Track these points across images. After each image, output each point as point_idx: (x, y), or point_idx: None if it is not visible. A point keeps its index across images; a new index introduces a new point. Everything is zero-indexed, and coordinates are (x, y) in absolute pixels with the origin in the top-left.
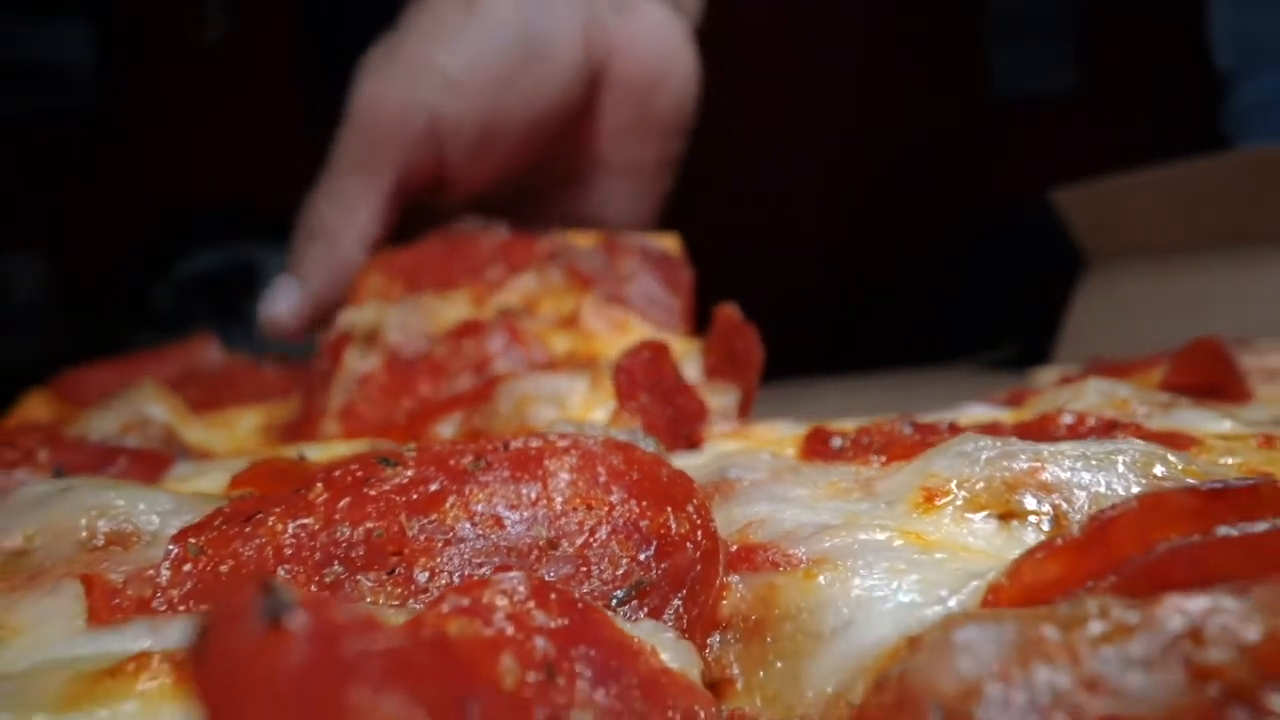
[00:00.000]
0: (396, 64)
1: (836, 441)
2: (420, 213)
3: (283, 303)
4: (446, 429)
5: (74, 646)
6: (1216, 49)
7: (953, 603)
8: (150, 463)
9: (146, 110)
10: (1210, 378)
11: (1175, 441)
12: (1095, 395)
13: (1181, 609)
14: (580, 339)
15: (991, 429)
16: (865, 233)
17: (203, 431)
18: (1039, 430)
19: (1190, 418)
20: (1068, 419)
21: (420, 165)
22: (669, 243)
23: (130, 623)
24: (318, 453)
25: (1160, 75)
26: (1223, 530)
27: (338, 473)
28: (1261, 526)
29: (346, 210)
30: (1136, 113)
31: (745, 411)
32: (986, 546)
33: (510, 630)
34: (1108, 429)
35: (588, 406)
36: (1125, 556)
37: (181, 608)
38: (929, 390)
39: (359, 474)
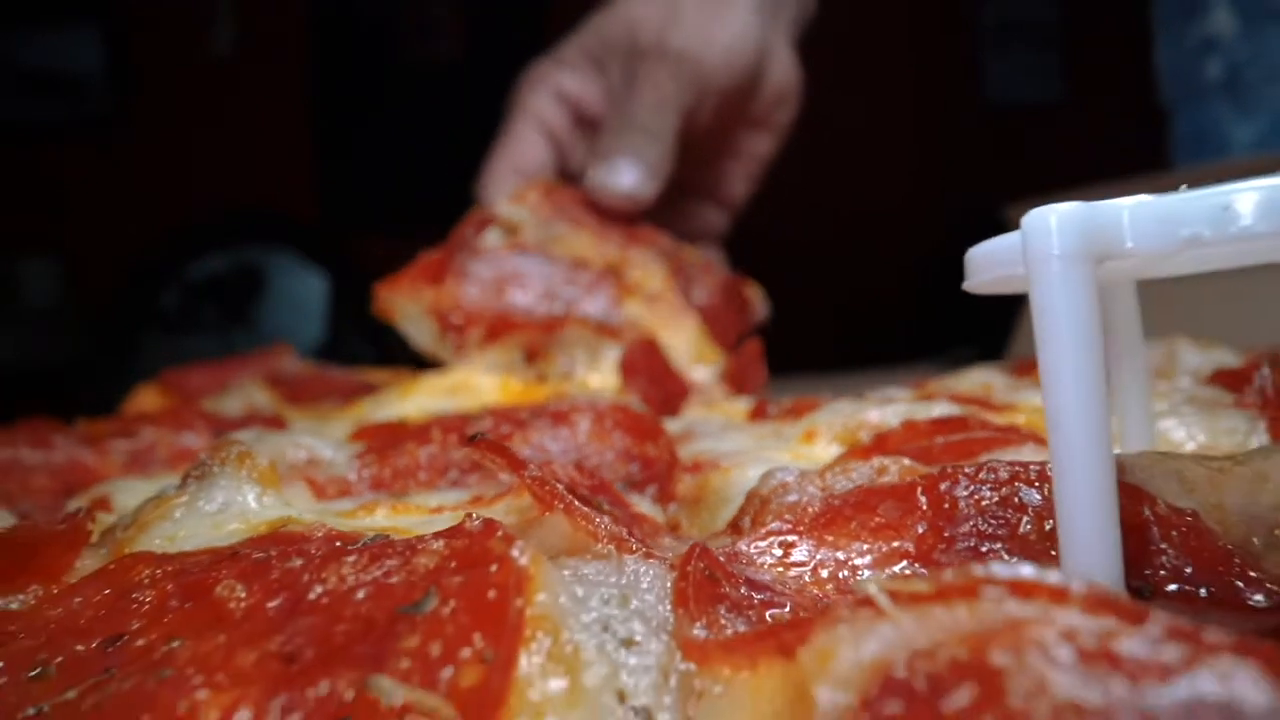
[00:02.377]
0: (701, 23)
1: (773, 409)
2: None
3: (630, 177)
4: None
5: (315, 506)
6: (1159, 83)
7: None
8: (276, 425)
9: (157, 117)
10: None
11: (999, 408)
12: (971, 381)
13: (883, 461)
14: (649, 315)
15: (888, 402)
16: (854, 236)
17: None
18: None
19: (1026, 395)
20: (944, 395)
21: (690, 115)
22: (752, 290)
23: (339, 500)
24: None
25: (1145, 85)
26: (939, 439)
27: (444, 423)
28: (958, 437)
29: (663, 116)
30: (1121, 122)
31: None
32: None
33: (567, 480)
34: (960, 401)
35: (614, 372)
36: (889, 453)
37: (368, 495)
38: (884, 383)
39: (459, 423)
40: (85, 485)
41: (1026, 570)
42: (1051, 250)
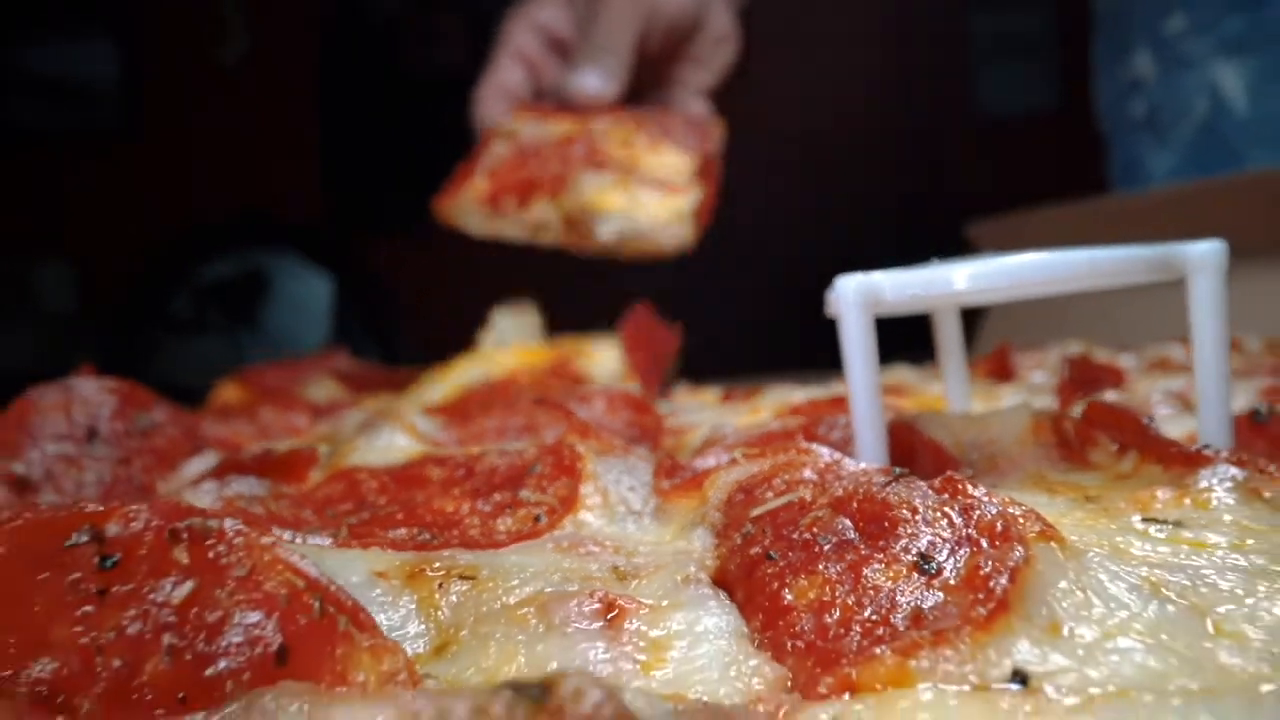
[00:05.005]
0: None
1: (738, 395)
2: None
3: (595, 81)
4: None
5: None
6: (1099, 116)
7: None
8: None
9: (167, 124)
10: (1002, 367)
11: (905, 394)
12: (899, 375)
13: (785, 420)
14: (627, 151)
15: (818, 385)
16: (850, 239)
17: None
18: None
19: (926, 386)
20: None
21: (645, 35)
22: (715, 121)
23: (443, 450)
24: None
25: None
26: (829, 409)
27: (502, 403)
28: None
29: (620, 35)
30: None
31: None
32: None
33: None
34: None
35: (609, 192)
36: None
37: (457, 449)
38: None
39: (511, 402)
40: (235, 450)
41: (802, 444)
42: (848, 300)
